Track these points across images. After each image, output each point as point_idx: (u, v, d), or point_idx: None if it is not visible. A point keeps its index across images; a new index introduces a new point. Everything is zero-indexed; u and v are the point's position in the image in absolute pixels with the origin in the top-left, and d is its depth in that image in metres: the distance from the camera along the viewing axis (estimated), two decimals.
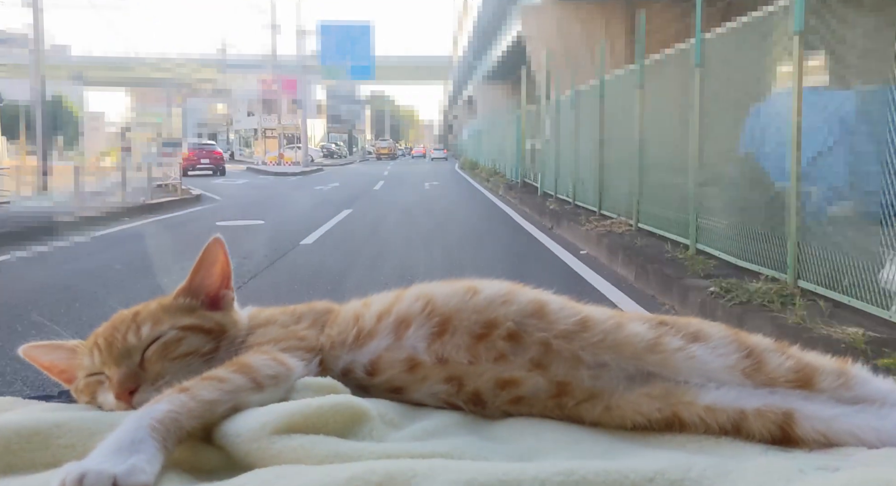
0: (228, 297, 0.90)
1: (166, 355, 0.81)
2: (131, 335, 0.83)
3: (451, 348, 0.81)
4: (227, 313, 0.89)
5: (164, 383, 0.78)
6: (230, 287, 0.91)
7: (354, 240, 9.44)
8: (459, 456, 0.67)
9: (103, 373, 0.81)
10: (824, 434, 0.72)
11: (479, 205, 15.80)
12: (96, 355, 0.82)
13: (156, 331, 0.83)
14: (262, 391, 0.75)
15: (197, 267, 0.88)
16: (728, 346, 0.78)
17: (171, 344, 0.82)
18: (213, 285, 0.89)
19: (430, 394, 0.81)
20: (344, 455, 0.65)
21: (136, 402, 0.77)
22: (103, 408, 0.80)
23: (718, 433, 0.74)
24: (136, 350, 0.81)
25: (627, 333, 0.79)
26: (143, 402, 0.74)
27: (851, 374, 0.78)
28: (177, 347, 0.82)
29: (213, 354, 0.84)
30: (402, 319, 0.84)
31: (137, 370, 0.80)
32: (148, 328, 0.83)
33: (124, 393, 0.78)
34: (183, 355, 0.82)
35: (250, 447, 0.67)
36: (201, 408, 0.70)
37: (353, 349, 0.84)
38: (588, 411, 0.78)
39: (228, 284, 0.90)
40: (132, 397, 0.78)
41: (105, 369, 0.81)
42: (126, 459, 0.61)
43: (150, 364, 0.81)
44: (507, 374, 0.79)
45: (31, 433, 0.67)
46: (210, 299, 0.90)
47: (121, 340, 0.82)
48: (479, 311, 0.82)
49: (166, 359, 0.81)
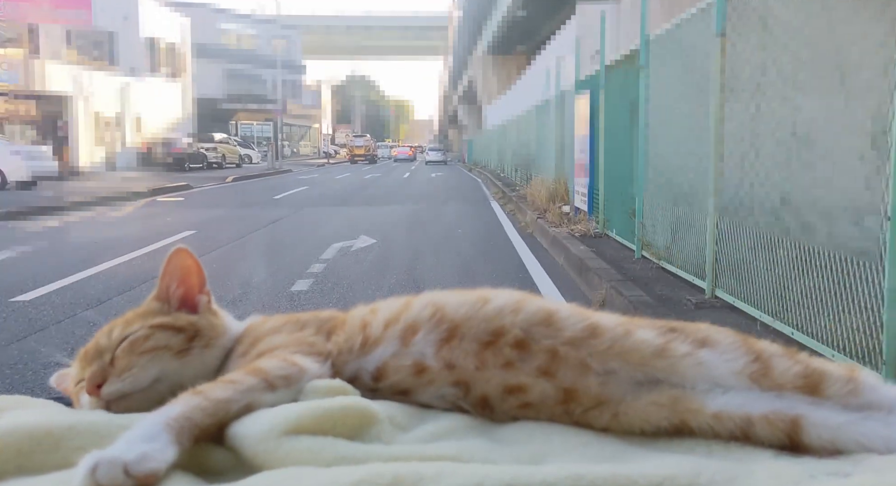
0: (203, 301, 0.93)
1: (133, 350, 0.84)
2: (103, 338, 0.87)
3: (459, 354, 0.81)
4: (203, 315, 0.92)
5: (132, 375, 0.82)
6: (204, 292, 0.93)
7: None
8: (468, 459, 0.67)
9: (83, 378, 0.85)
10: (832, 442, 0.72)
11: None
12: (78, 364, 0.87)
13: (126, 331, 0.86)
14: (274, 391, 0.76)
15: (162, 275, 0.92)
16: (736, 351, 0.78)
17: (139, 340, 0.85)
18: (182, 290, 0.93)
19: (438, 396, 0.81)
20: (352, 458, 0.66)
21: (104, 394, 0.81)
22: (84, 409, 0.83)
23: (727, 440, 0.73)
24: (107, 350, 0.85)
25: (635, 339, 0.79)
26: (112, 394, 0.80)
27: (860, 380, 0.77)
28: (144, 342, 0.85)
29: (187, 351, 0.86)
30: (410, 325, 0.84)
31: (106, 366, 0.83)
32: (119, 330, 0.87)
33: (93, 388, 0.81)
34: (150, 349, 0.85)
35: (259, 448, 0.68)
36: (214, 406, 0.71)
37: (360, 356, 0.85)
38: (596, 418, 0.78)
39: (202, 289, 0.93)
40: (100, 391, 0.81)
41: (83, 374, 0.85)
42: (140, 446, 0.63)
43: (118, 360, 0.84)
44: (514, 380, 0.79)
45: (43, 435, 0.68)
46: (185, 304, 0.93)
47: (94, 344, 0.87)
48: (488, 319, 0.82)
49: (133, 354, 0.84)
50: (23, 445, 0.66)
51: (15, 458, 0.66)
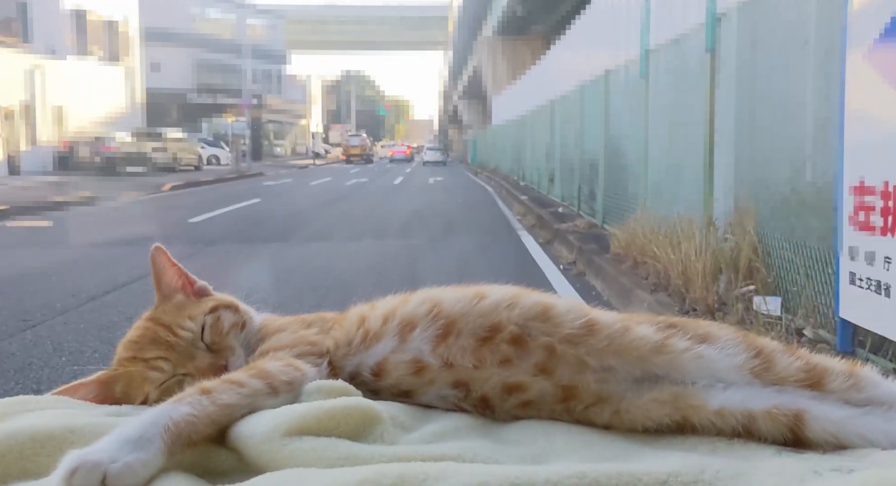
0: (203, 287, 0.96)
1: (219, 332, 0.88)
2: (168, 336, 0.88)
3: (456, 351, 0.80)
4: (215, 296, 0.96)
5: (237, 350, 0.88)
6: (194, 280, 0.96)
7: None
8: (471, 459, 0.67)
9: (179, 374, 0.85)
10: (835, 436, 0.72)
11: None
12: (158, 367, 0.86)
13: (192, 323, 0.89)
14: (277, 396, 0.76)
15: (159, 275, 0.93)
16: (736, 346, 0.78)
17: (216, 324, 0.89)
18: (184, 279, 0.95)
19: (439, 397, 0.82)
20: (355, 458, 0.66)
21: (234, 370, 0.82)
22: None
23: (730, 436, 0.73)
24: (192, 342, 0.87)
25: (634, 336, 0.79)
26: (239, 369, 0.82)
27: (861, 375, 0.77)
28: (220, 323, 0.89)
29: (245, 324, 0.91)
30: (408, 321, 0.84)
31: (209, 353, 0.87)
32: (183, 324, 0.88)
33: (221, 370, 0.83)
34: (230, 327, 0.89)
35: (262, 448, 0.68)
36: (219, 412, 0.71)
37: (360, 351, 0.85)
38: (597, 415, 0.78)
39: (191, 278, 0.96)
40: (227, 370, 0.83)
41: (180, 369, 0.86)
42: (127, 454, 0.61)
43: (215, 344, 0.88)
44: (512, 379, 0.79)
45: (46, 438, 0.67)
46: (191, 291, 0.95)
47: (167, 345, 0.87)
48: (484, 315, 0.82)
49: (221, 335, 0.88)
50: (25, 448, 0.66)
51: (18, 461, 0.65)
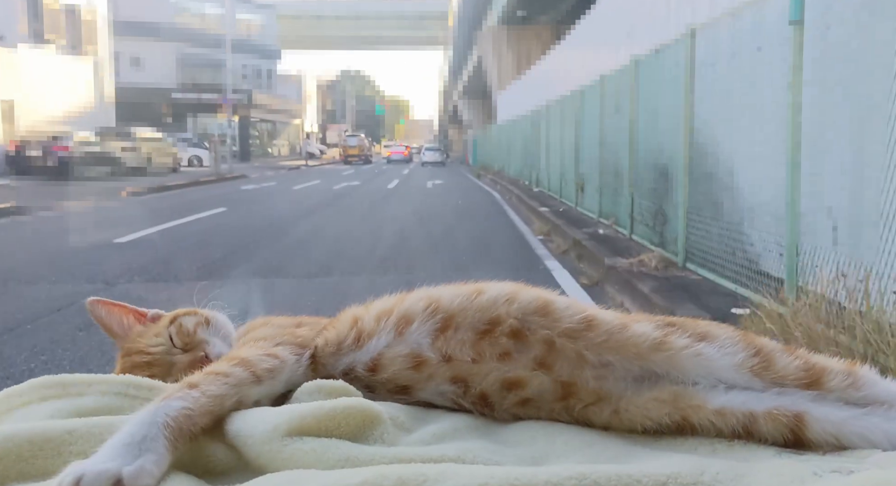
0: (157, 313, 0.97)
1: (187, 332, 0.91)
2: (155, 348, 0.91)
3: (455, 345, 0.80)
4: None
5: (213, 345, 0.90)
6: (145, 311, 0.97)
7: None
8: (471, 460, 0.67)
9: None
10: (835, 436, 0.72)
11: None
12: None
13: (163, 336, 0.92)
14: (260, 385, 0.76)
15: (106, 329, 0.95)
16: (735, 345, 0.78)
17: (183, 331, 0.91)
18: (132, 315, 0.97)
19: (438, 393, 0.81)
20: (355, 460, 0.66)
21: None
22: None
23: (730, 437, 0.73)
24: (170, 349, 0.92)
25: (632, 333, 0.79)
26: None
27: (859, 374, 0.77)
28: (186, 327, 0.91)
29: (209, 321, 0.93)
30: (404, 316, 0.83)
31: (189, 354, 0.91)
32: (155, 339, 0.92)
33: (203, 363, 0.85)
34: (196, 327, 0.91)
35: (262, 449, 0.67)
36: (211, 403, 0.71)
37: (353, 350, 0.84)
38: (596, 414, 0.77)
39: (141, 311, 0.97)
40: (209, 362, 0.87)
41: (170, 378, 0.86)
42: (135, 458, 0.61)
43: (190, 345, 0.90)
44: (511, 374, 0.79)
45: (43, 440, 0.67)
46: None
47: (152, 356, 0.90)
48: (483, 309, 0.82)
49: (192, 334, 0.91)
50: (23, 450, 0.66)
51: (16, 464, 0.65)
